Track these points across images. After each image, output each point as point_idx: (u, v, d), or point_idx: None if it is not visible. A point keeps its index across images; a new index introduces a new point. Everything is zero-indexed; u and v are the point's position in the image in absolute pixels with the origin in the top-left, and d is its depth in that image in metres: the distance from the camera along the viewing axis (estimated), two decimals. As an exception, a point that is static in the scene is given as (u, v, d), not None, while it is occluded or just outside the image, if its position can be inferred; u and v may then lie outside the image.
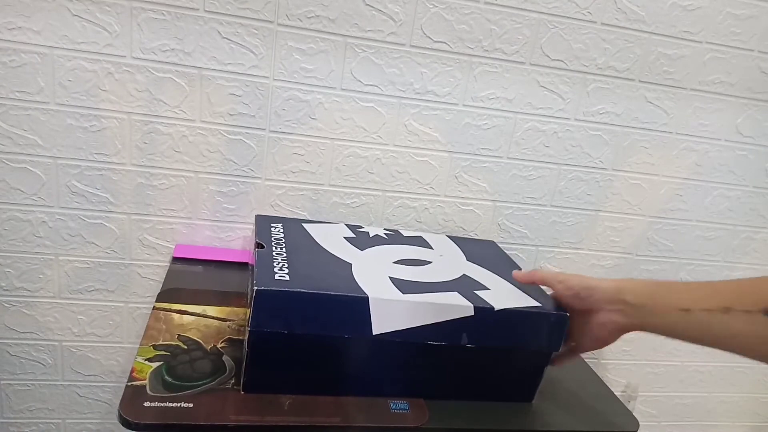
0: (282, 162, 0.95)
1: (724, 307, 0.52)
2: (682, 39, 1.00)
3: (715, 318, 0.52)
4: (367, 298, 0.63)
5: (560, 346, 0.69)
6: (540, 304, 0.69)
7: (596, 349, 0.68)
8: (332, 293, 0.62)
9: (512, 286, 0.74)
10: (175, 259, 0.94)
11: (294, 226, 0.83)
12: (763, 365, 1.41)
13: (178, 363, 0.67)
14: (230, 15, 0.85)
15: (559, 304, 0.69)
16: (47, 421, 1.06)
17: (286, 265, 0.67)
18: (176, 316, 0.77)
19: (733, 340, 0.52)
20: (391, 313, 0.63)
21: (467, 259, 0.83)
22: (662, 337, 0.59)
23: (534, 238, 1.09)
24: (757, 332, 0.49)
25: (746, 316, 0.50)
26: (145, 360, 0.67)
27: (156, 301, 0.80)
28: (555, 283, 0.68)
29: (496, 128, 0.99)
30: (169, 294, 0.82)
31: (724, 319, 0.52)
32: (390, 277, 0.69)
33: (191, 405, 0.60)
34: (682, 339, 0.57)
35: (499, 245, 0.95)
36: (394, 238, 0.87)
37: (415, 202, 1.02)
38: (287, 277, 0.63)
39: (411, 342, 0.65)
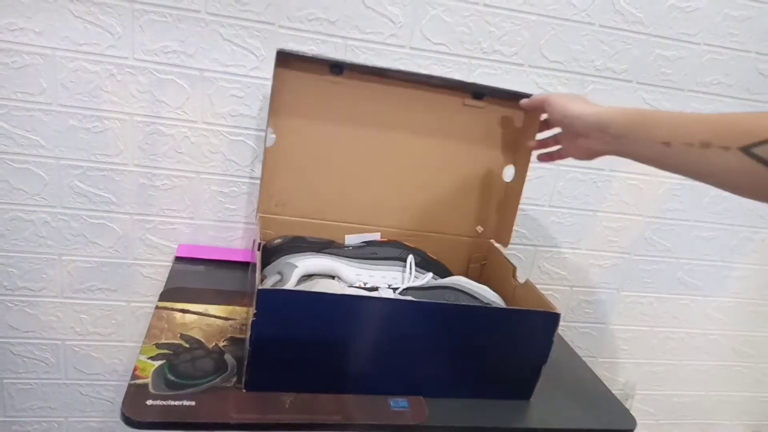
0: (283, 162, 0.95)
1: (704, 142, 0.51)
2: (680, 40, 1.00)
3: (694, 152, 0.53)
4: None
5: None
6: None
7: (581, 160, 0.72)
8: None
9: None
10: (178, 259, 0.94)
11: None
12: (761, 363, 1.41)
13: (181, 361, 0.68)
14: (232, 17, 0.86)
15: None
16: (50, 419, 1.07)
17: None
18: (178, 315, 0.78)
19: (711, 174, 0.53)
20: None
21: None
22: (659, 335, 0.58)
23: (533, 238, 1.10)
24: (735, 168, 0.49)
25: (725, 152, 0.50)
26: (148, 358, 0.67)
27: (158, 301, 0.81)
28: (545, 108, 0.73)
29: (495, 129, 1.00)
30: (171, 293, 0.83)
31: (704, 154, 0.52)
32: None
33: (193, 403, 0.61)
34: (660, 168, 0.58)
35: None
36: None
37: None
38: None
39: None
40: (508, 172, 0.90)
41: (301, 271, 0.73)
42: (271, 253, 0.80)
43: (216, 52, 0.87)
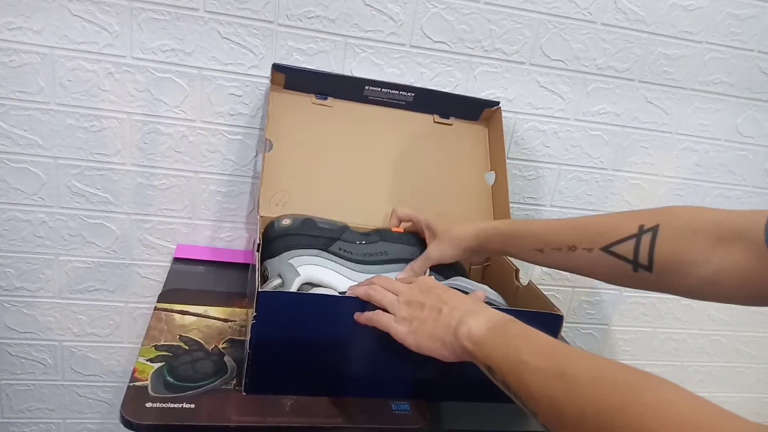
0: (282, 162, 0.95)
1: (570, 246, 0.61)
2: (682, 39, 1.00)
3: (563, 255, 0.62)
4: None
5: None
6: None
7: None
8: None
9: None
10: (176, 260, 0.94)
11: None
12: (763, 364, 1.41)
13: (180, 363, 0.67)
14: (230, 15, 0.85)
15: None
16: (47, 421, 1.07)
17: None
18: (177, 316, 0.77)
19: (581, 271, 0.63)
20: None
21: None
22: (661, 336, 0.59)
23: (534, 238, 1.10)
24: (598, 264, 0.59)
25: (588, 253, 0.60)
26: (147, 360, 0.67)
27: (157, 302, 0.80)
28: (422, 229, 0.78)
29: (497, 128, 0.99)
30: (170, 294, 0.82)
31: (572, 256, 0.62)
32: None
33: (193, 406, 0.60)
34: (540, 266, 0.68)
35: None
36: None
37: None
38: None
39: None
40: (490, 178, 0.94)
41: (302, 279, 0.73)
42: (277, 234, 0.78)
43: (214, 50, 0.86)
